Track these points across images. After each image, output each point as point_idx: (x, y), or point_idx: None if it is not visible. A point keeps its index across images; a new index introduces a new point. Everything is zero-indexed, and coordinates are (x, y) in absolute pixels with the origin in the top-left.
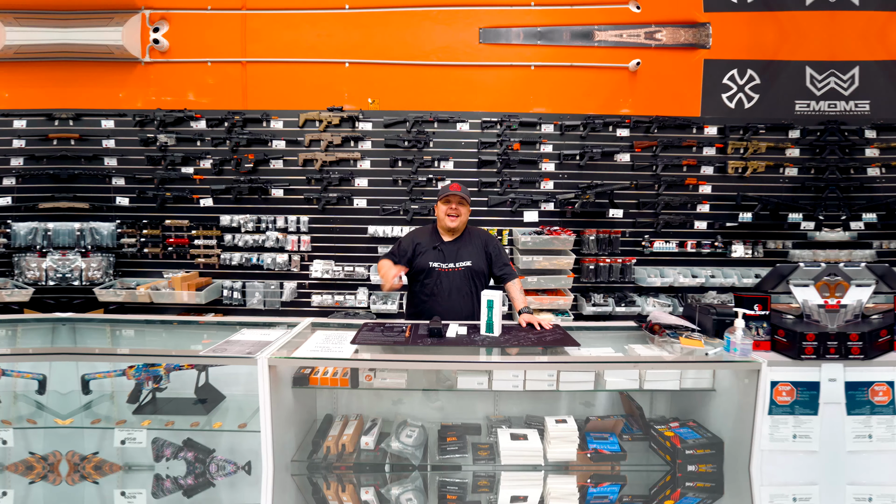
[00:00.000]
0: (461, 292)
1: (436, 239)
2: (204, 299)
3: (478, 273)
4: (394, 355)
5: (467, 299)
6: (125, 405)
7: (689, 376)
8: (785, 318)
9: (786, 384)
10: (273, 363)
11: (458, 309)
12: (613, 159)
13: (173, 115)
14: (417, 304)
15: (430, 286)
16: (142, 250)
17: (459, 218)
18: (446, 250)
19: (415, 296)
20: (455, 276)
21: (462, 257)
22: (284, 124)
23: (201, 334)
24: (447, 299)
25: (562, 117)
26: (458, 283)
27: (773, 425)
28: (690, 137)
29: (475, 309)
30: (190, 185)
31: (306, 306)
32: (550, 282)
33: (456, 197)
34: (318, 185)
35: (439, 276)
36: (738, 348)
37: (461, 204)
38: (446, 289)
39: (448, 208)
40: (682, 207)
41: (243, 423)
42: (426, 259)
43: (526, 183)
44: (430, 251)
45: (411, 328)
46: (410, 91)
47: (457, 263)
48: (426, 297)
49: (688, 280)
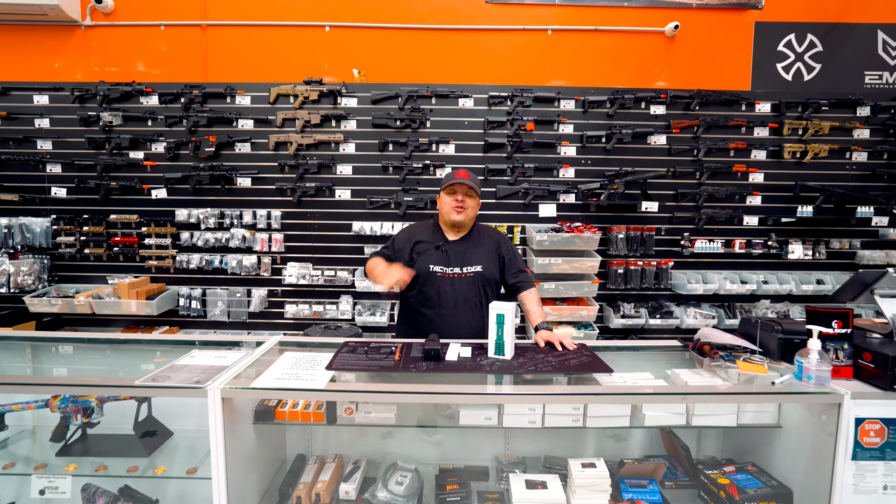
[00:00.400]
0: (468, 304)
1: (438, 237)
2: (156, 310)
3: (489, 281)
4: (379, 385)
5: (475, 312)
6: (49, 444)
7: (748, 410)
8: (871, 338)
9: (874, 422)
10: (228, 394)
11: (464, 324)
12: (646, 142)
13: (119, 90)
14: (413, 318)
15: (430, 295)
16: (82, 251)
17: (467, 212)
18: (451, 251)
19: (410, 307)
20: (461, 283)
21: (471, 260)
22: (252, 100)
23: (149, 354)
24: (451, 312)
25: (584, 91)
26: (464, 292)
27: (857, 473)
28: (739, 116)
29: (484, 324)
30: (139, 172)
31: (279, 318)
32: (571, 289)
33: (463, 187)
34: (293, 173)
35: (442, 283)
36: (813, 376)
37: (469, 195)
38: (450, 299)
39: (454, 200)
40: (728, 200)
41: (193, 468)
42: (426, 261)
43: (542, 170)
44: (432, 252)
45: (402, 349)
46: (403, 61)
47: (464, 268)
48: (425, 309)
49: (736, 286)
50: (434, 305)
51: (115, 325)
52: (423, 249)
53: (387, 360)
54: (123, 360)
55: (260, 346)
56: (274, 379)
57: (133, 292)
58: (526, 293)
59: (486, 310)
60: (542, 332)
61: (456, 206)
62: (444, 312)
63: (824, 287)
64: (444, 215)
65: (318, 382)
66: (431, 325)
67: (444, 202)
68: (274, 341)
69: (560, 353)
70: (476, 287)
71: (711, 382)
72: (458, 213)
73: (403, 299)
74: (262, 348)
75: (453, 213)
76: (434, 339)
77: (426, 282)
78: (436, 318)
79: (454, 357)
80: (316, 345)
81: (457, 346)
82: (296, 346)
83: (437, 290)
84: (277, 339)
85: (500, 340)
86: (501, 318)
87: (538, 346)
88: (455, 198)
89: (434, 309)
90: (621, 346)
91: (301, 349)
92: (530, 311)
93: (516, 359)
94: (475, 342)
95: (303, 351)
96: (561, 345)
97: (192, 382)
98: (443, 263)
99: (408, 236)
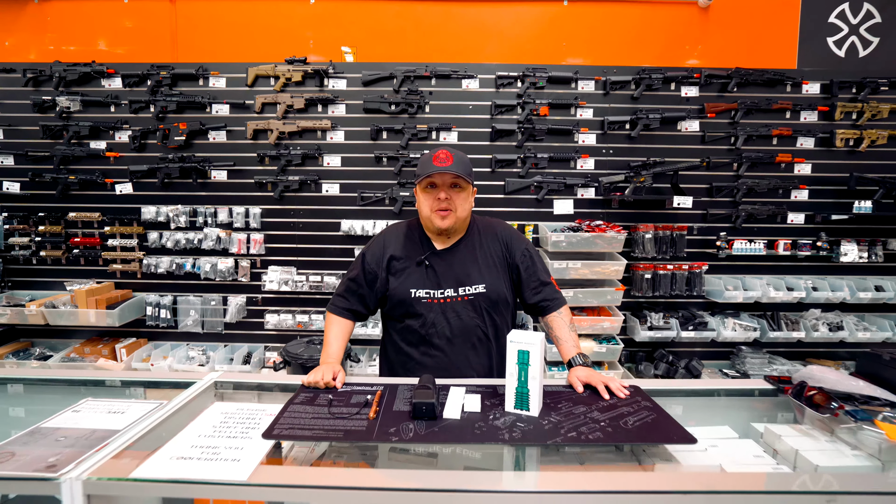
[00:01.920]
0: (469, 338)
1: (420, 245)
2: (118, 320)
3: (496, 303)
4: (337, 474)
5: (480, 349)
6: None
7: None
8: None
9: None
10: (96, 489)
11: (465, 366)
12: (677, 128)
13: (77, 71)
14: (396, 359)
15: (414, 330)
16: (37, 253)
17: (456, 214)
18: (440, 266)
19: (392, 343)
20: (458, 310)
21: (468, 277)
22: (228, 83)
23: (24, 402)
24: (446, 352)
25: (606, 71)
26: (462, 322)
27: None
28: (783, 98)
29: (492, 364)
30: (101, 165)
31: (258, 329)
32: (591, 297)
33: (446, 178)
34: (274, 164)
35: (430, 312)
36: None
37: (457, 188)
38: (443, 333)
39: (433, 200)
40: (771, 194)
41: None
42: (406, 285)
43: (557, 161)
44: (413, 269)
45: (381, 397)
46: (399, 37)
47: (460, 289)
48: (410, 347)
49: (781, 294)
50: (421, 342)
51: (76, 337)
52: (401, 268)
53: (357, 417)
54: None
55: (185, 388)
56: (175, 459)
57: (92, 300)
58: (554, 315)
59: (496, 344)
60: (580, 371)
61: (439, 209)
62: (437, 352)
63: (884, 294)
64: (424, 220)
65: (241, 468)
66: (420, 368)
67: (422, 203)
68: (208, 381)
69: (609, 404)
70: (479, 314)
71: (840, 455)
72: (443, 219)
73: (385, 333)
74: (188, 393)
75: (436, 219)
76: (427, 385)
77: (409, 313)
78: (424, 361)
79: (456, 412)
80: (266, 387)
81: (460, 392)
82: (237, 388)
83: (423, 323)
84: (212, 379)
85: (524, 388)
86: (525, 358)
87: (575, 390)
88: (435, 196)
89: (421, 348)
90: (676, 391)
91: (242, 393)
92: (561, 339)
93: (547, 414)
94: (485, 384)
95: (242, 399)
96: (605, 387)
97: (43, 468)
98: (429, 285)
99: (380, 249)
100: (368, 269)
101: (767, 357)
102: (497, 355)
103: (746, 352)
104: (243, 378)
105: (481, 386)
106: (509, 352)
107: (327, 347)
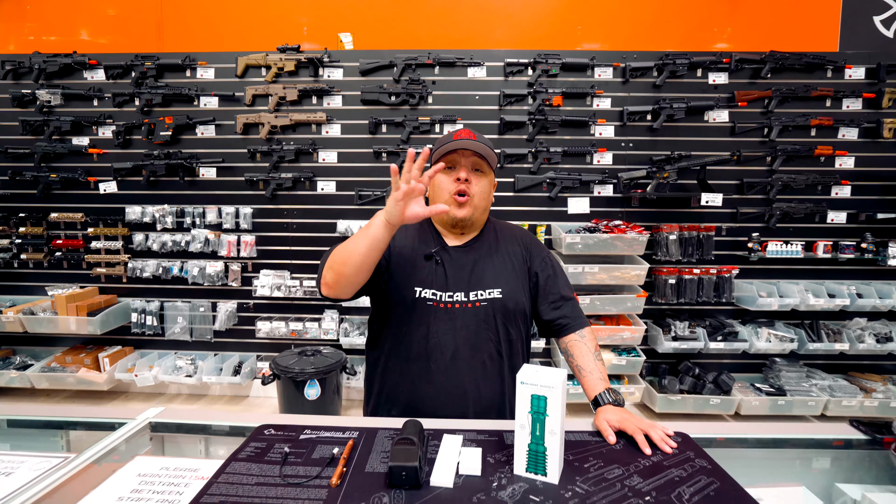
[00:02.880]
0: (478, 355)
1: (431, 239)
2: (99, 327)
3: (513, 313)
4: None
5: (490, 369)
6: None
7: None
8: None
9: None
10: None
11: (470, 391)
12: (704, 119)
13: (58, 62)
14: (386, 380)
15: (413, 341)
16: (18, 256)
17: (473, 201)
18: (452, 265)
19: (381, 358)
20: (466, 319)
21: (483, 279)
22: (216, 73)
23: None
24: (449, 371)
25: (626, 56)
26: (471, 334)
27: None
28: (824, 84)
29: (504, 391)
30: (84, 162)
31: (249, 337)
32: (610, 304)
33: (469, 155)
34: (266, 161)
35: (434, 318)
36: None
37: (478, 172)
38: (447, 346)
39: (452, 181)
40: (809, 191)
41: None
42: (411, 280)
43: (571, 156)
44: (420, 263)
45: (353, 450)
46: (399, 21)
47: (472, 293)
48: (404, 364)
49: (822, 301)
50: (419, 358)
51: (60, 344)
52: (406, 259)
53: (315, 485)
54: None
55: (114, 430)
56: None
57: (73, 306)
58: (575, 339)
59: (510, 364)
60: (610, 413)
61: (457, 190)
62: (437, 370)
63: None
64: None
65: None
66: (415, 391)
67: (439, 183)
68: (141, 422)
69: (653, 463)
70: (491, 324)
71: None
72: (461, 206)
73: (372, 340)
74: (107, 442)
75: (452, 205)
76: (410, 439)
77: (410, 315)
78: (421, 382)
79: (447, 476)
80: (214, 430)
81: (455, 443)
82: (179, 430)
83: (425, 332)
84: (151, 416)
85: (540, 446)
86: (542, 406)
87: (603, 437)
88: (455, 177)
89: (419, 364)
90: (742, 439)
91: (183, 439)
92: (584, 370)
93: (570, 480)
94: (489, 429)
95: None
96: (644, 437)
97: None
98: (437, 285)
99: None
100: None
101: (805, 370)
102: (510, 378)
103: (781, 364)
104: (187, 418)
105: (484, 432)
106: (520, 396)
107: (360, 230)
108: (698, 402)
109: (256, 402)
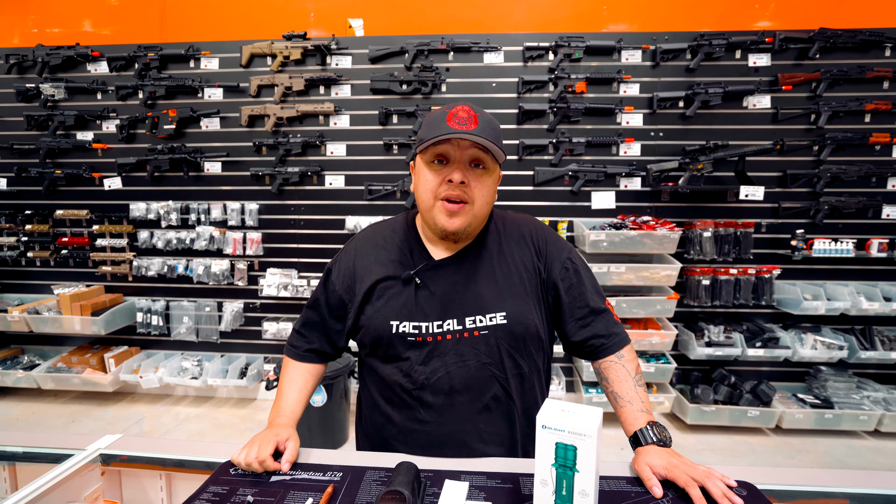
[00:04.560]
0: (480, 394)
1: (412, 253)
2: (104, 327)
3: (523, 339)
4: None
5: (497, 411)
6: None
7: None
8: None
9: None
10: None
11: (473, 436)
12: (742, 105)
13: (60, 55)
14: (372, 420)
15: (398, 381)
16: (25, 254)
17: (469, 210)
18: (437, 285)
19: (368, 399)
20: (462, 352)
21: (481, 301)
22: (221, 63)
23: None
24: (445, 414)
25: (656, 38)
26: (471, 369)
27: None
28: (881, 64)
29: (518, 433)
30: (89, 158)
31: (256, 338)
32: (638, 307)
33: (465, 149)
34: (272, 154)
35: (421, 356)
36: None
37: (478, 167)
38: (439, 387)
39: (440, 182)
40: (861, 183)
41: None
42: (384, 314)
43: (596, 146)
44: (397, 288)
45: (332, 498)
46: (410, 5)
47: (466, 320)
48: (391, 408)
49: (876, 305)
50: (406, 406)
51: (66, 344)
52: (375, 287)
53: None
54: None
55: (61, 461)
56: None
57: (77, 305)
58: (612, 362)
59: (521, 403)
60: (653, 456)
61: (447, 198)
62: (430, 417)
63: None
64: (425, 212)
65: None
66: (406, 441)
67: (423, 184)
68: (88, 456)
69: None
70: (495, 357)
71: None
72: (452, 216)
73: (360, 373)
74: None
75: (441, 215)
76: (399, 493)
77: (387, 354)
78: (411, 434)
79: None
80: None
81: (458, 493)
82: (132, 462)
83: (409, 372)
84: (102, 446)
85: None
86: (569, 457)
87: (645, 486)
88: (445, 176)
89: (407, 412)
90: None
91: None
92: (621, 398)
93: None
94: (501, 472)
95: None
96: (703, 492)
97: None
98: (419, 315)
99: (350, 261)
100: (332, 292)
101: (856, 381)
102: (523, 421)
103: (827, 374)
104: (143, 450)
105: (495, 476)
106: (541, 444)
107: (278, 401)
108: (734, 413)
109: (263, 406)
